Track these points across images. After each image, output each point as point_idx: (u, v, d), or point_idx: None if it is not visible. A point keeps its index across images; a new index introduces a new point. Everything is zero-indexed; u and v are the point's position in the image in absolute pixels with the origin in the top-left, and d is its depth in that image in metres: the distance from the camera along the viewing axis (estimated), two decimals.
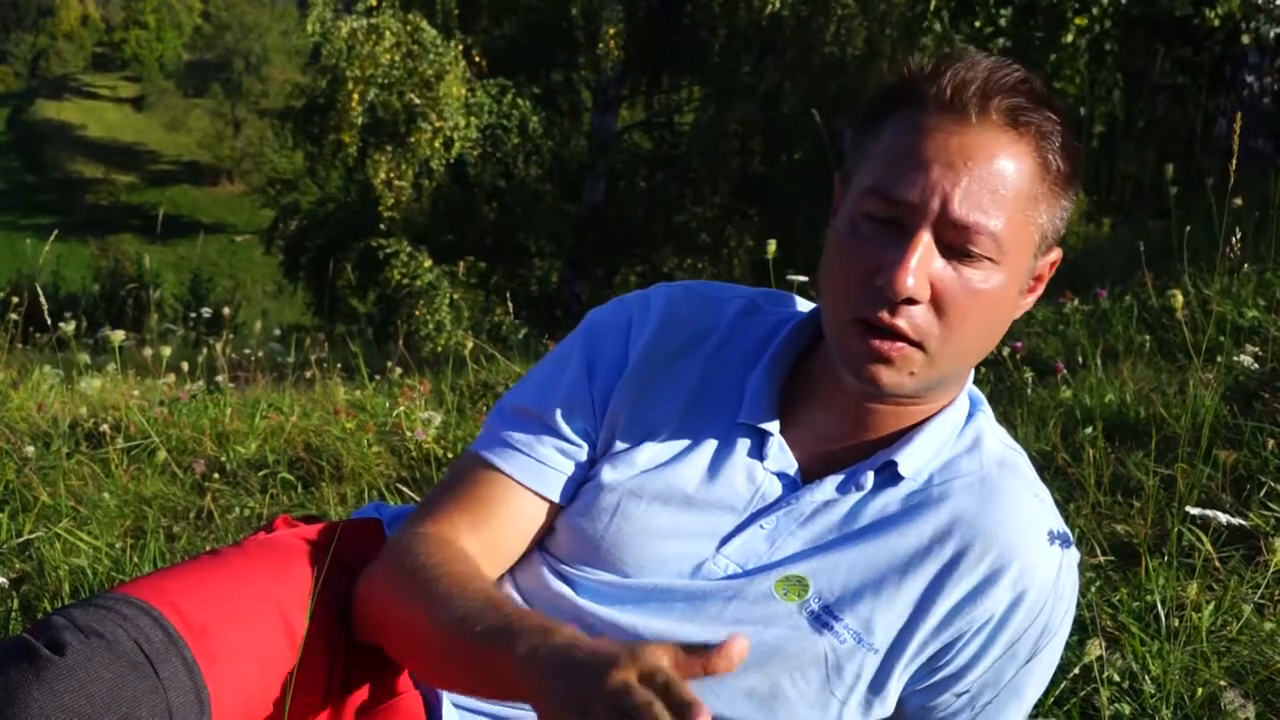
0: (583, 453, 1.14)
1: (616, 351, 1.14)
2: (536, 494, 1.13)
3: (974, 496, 1.08)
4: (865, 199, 1.01)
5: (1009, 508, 1.07)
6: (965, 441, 1.11)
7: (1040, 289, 1.08)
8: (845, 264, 1.02)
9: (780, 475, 1.10)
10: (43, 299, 3.46)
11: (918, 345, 1.01)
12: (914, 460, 1.08)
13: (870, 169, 1.02)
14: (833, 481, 1.09)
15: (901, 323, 0.99)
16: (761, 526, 1.09)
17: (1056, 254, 1.07)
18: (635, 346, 1.14)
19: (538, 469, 1.13)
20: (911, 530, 1.07)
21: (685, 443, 1.11)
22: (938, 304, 1.00)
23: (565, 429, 1.13)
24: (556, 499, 1.14)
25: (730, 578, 1.09)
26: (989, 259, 0.99)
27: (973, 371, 1.13)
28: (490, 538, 1.12)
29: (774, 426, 1.10)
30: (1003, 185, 0.98)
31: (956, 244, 0.99)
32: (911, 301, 0.99)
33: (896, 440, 1.08)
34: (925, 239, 0.98)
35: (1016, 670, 1.10)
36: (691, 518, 1.10)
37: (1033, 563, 1.06)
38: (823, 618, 1.07)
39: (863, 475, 1.08)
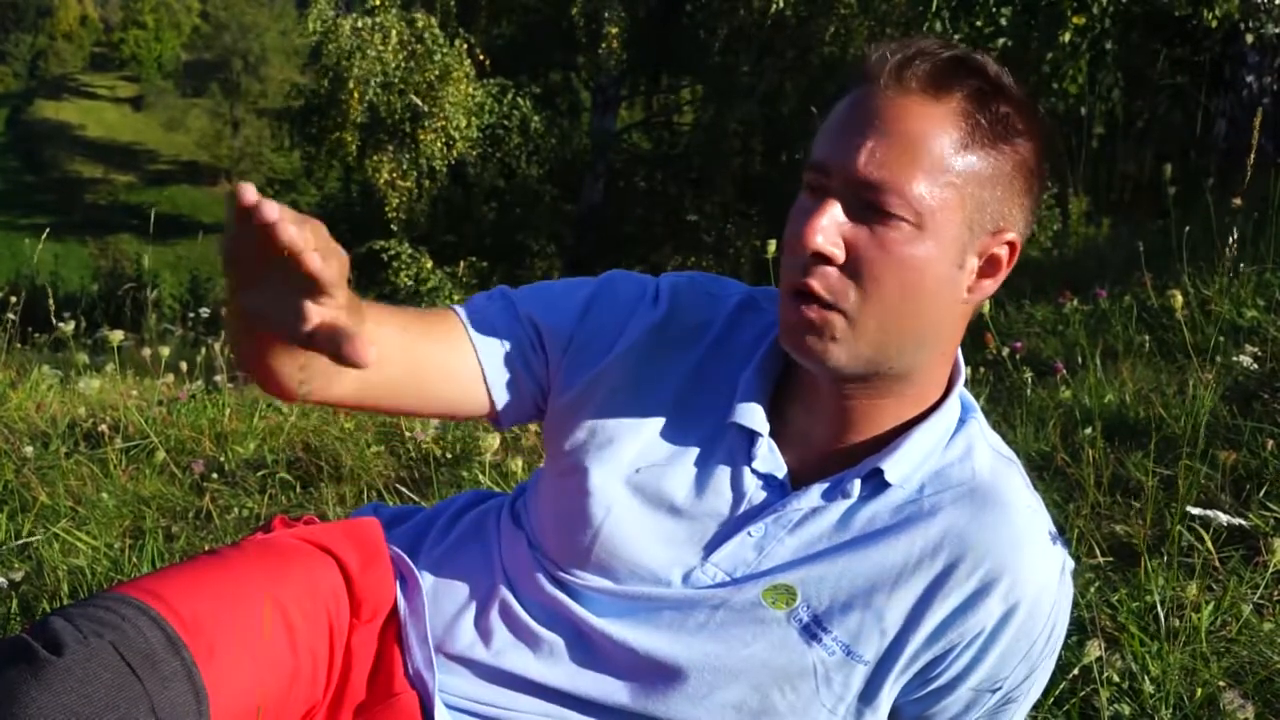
0: (536, 366, 1.13)
1: (613, 322, 1.14)
2: (478, 358, 1.11)
3: (964, 508, 1.06)
4: (804, 174, 1.03)
5: (1000, 520, 1.06)
6: (957, 450, 1.09)
7: (1000, 275, 1.04)
8: (786, 237, 1.03)
9: (768, 478, 1.09)
10: (51, 300, 3.45)
11: (835, 309, 1.00)
12: (901, 467, 1.07)
13: (814, 146, 1.04)
14: (819, 489, 1.08)
15: (814, 282, 0.99)
16: (749, 534, 1.08)
17: (1011, 236, 1.03)
18: (633, 329, 1.13)
19: (494, 341, 1.12)
20: (902, 542, 1.06)
21: (675, 442, 1.11)
22: (852, 265, 0.99)
23: (535, 337, 1.13)
24: (490, 380, 1.11)
25: (718, 586, 1.08)
26: (906, 221, 0.98)
27: (964, 372, 1.11)
28: (411, 344, 1.08)
29: (764, 426, 1.09)
30: (914, 147, 0.97)
31: (869, 203, 0.98)
32: (825, 261, 0.99)
33: (884, 446, 1.07)
34: (834, 199, 0.99)
35: (1019, 678, 1.09)
36: (680, 525, 1.09)
37: (1024, 576, 1.05)
38: (812, 629, 1.06)
39: (849, 483, 1.07)
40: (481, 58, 13.62)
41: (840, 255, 0.99)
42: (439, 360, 1.10)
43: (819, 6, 12.41)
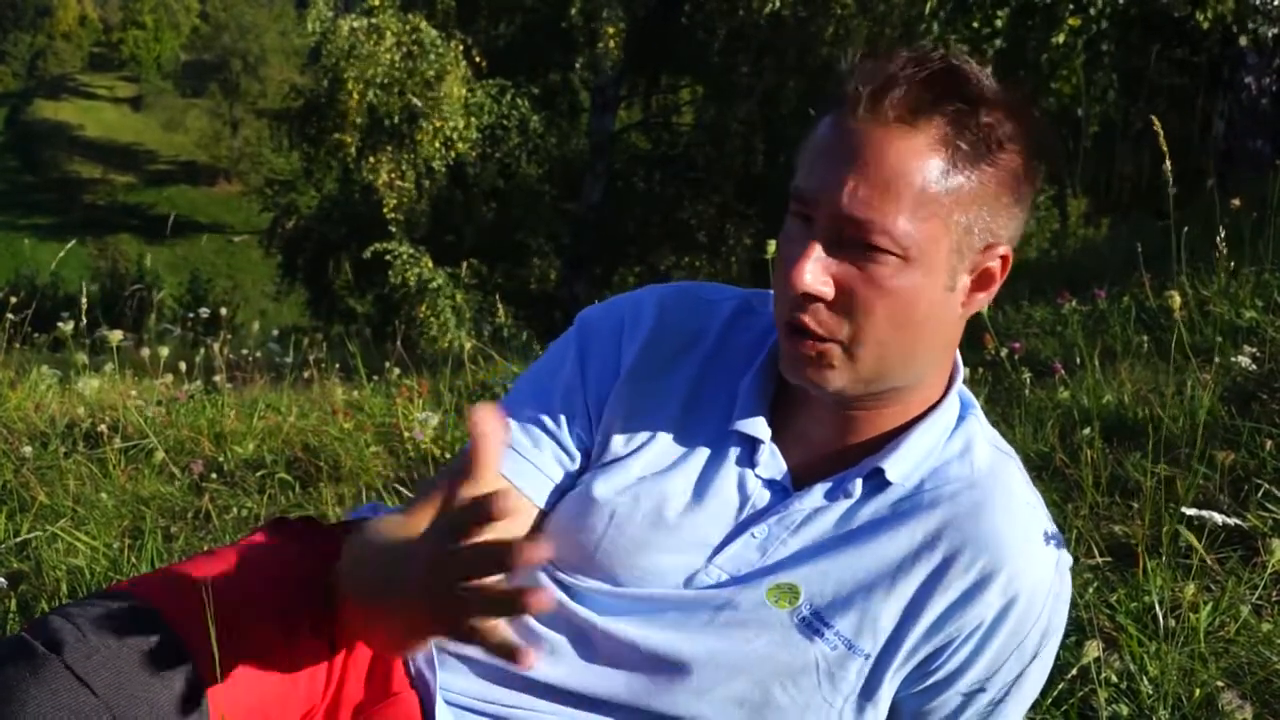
0: (575, 461, 1.14)
1: (608, 357, 1.14)
2: (525, 496, 1.13)
3: (964, 503, 1.07)
4: (790, 199, 1.02)
5: (998, 515, 1.07)
6: (956, 446, 1.10)
7: (994, 287, 1.04)
8: (777, 264, 1.04)
9: (771, 482, 1.10)
10: (39, 299, 3.45)
11: (830, 341, 1.00)
12: (901, 466, 1.07)
13: (797, 168, 1.03)
14: (821, 489, 1.09)
15: (807, 319, 1.00)
16: (753, 535, 1.09)
17: (1004, 250, 1.03)
18: (628, 353, 1.13)
19: (532, 473, 1.13)
20: (901, 536, 1.07)
21: (679, 451, 1.11)
22: (842, 300, 0.99)
23: (563, 436, 1.13)
24: (542, 504, 1.14)
25: (721, 586, 1.09)
26: (893, 254, 0.97)
27: (962, 370, 1.12)
28: None
29: (765, 432, 1.09)
30: (896, 182, 0.96)
31: (856, 240, 0.98)
32: (815, 299, 0.99)
33: (884, 446, 1.08)
34: (818, 236, 0.99)
35: (1012, 673, 1.10)
36: (683, 529, 1.10)
37: (1022, 569, 1.06)
38: (813, 624, 1.07)
39: (851, 483, 1.08)
40: (478, 59, 13.62)
41: (829, 292, 0.99)
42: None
43: (817, 6, 12.41)
